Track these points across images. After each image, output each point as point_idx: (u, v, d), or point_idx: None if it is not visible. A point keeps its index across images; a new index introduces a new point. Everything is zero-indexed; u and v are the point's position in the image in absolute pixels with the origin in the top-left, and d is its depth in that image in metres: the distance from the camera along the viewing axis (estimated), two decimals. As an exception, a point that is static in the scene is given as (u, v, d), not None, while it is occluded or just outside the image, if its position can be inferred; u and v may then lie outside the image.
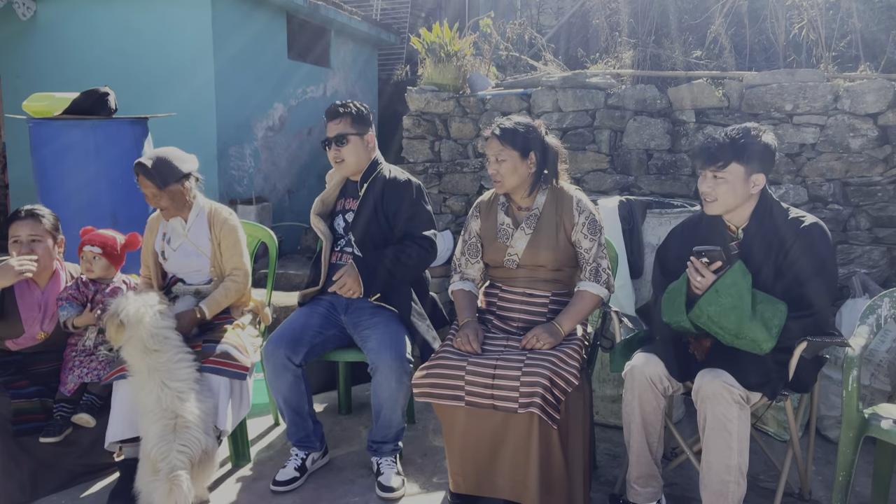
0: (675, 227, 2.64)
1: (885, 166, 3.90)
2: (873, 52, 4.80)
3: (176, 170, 2.78)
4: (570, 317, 2.56)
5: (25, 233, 2.72)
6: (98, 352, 2.74)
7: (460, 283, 2.80)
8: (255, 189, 6.15)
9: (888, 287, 3.34)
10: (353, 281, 2.74)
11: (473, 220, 2.80)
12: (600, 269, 2.61)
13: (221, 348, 2.67)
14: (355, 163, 2.91)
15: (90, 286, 2.79)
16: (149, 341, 2.48)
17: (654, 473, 2.44)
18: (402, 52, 9.08)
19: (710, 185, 2.31)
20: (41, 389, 2.71)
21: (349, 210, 2.97)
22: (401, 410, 2.76)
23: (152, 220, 3.00)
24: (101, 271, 2.81)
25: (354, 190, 2.98)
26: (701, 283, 2.24)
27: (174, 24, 5.70)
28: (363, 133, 2.91)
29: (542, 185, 2.66)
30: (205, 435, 2.42)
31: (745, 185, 2.29)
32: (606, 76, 4.58)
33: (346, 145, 2.87)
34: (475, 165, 4.71)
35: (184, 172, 2.80)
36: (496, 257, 2.69)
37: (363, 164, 2.94)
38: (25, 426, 2.61)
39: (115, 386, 2.58)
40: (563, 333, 2.52)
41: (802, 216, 2.34)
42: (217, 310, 2.82)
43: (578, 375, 2.42)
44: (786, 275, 2.29)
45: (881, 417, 2.32)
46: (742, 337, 2.21)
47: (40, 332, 2.76)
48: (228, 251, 2.86)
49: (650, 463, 2.42)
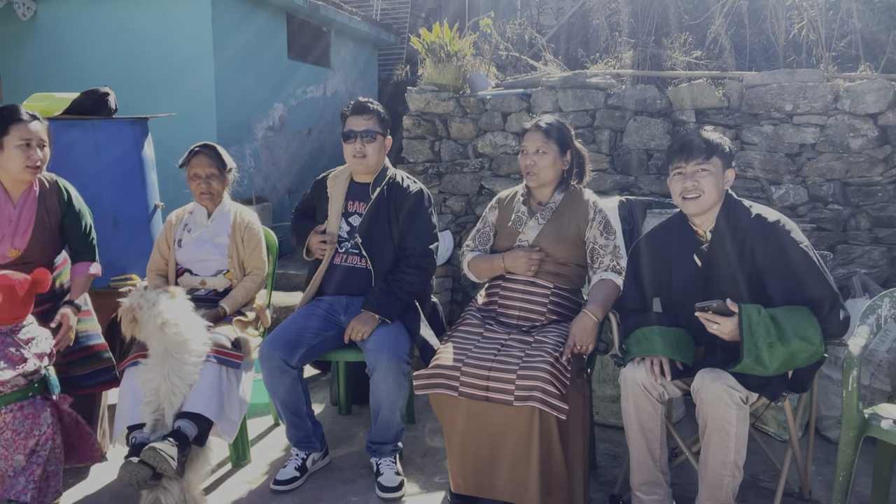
0: (644, 236, 2.61)
1: (885, 166, 3.90)
2: (873, 52, 4.81)
3: (228, 158, 3.05)
4: (600, 304, 2.59)
5: (38, 137, 2.58)
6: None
7: (470, 253, 2.89)
8: (255, 189, 6.15)
9: (888, 287, 3.34)
10: (368, 328, 2.76)
11: (491, 211, 2.91)
12: (618, 265, 2.67)
13: (216, 338, 2.70)
14: (375, 162, 2.92)
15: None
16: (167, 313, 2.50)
17: (659, 481, 2.42)
18: (402, 52, 9.08)
19: (694, 180, 2.27)
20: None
21: (354, 213, 2.96)
22: (399, 411, 2.76)
23: (176, 214, 3.14)
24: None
25: (360, 193, 2.97)
26: (726, 328, 2.17)
27: (174, 24, 5.70)
28: (385, 135, 2.95)
29: (563, 184, 2.78)
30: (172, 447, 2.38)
31: (722, 180, 2.30)
32: (606, 76, 4.57)
33: (372, 142, 2.88)
34: (475, 166, 4.71)
35: (230, 165, 3.07)
36: (506, 243, 2.78)
37: (379, 165, 2.96)
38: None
39: (125, 373, 2.61)
40: (596, 320, 2.54)
41: (764, 213, 2.29)
42: (236, 307, 2.96)
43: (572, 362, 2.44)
44: (764, 275, 2.24)
45: (881, 417, 2.33)
46: (795, 359, 2.14)
47: (10, 250, 2.60)
48: (250, 251, 3.04)
49: (653, 470, 2.41)
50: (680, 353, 2.34)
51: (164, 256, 3.08)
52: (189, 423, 2.46)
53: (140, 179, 3.99)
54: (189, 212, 3.12)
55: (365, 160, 2.89)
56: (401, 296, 2.82)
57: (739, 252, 2.28)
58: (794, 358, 2.14)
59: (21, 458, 2.39)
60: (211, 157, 2.99)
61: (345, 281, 2.93)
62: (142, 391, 2.53)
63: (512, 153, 4.63)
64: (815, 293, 2.19)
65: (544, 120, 2.76)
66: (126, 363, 2.65)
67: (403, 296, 2.83)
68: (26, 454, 2.40)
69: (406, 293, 2.84)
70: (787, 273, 2.22)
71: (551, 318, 2.70)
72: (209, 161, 2.99)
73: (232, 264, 3.01)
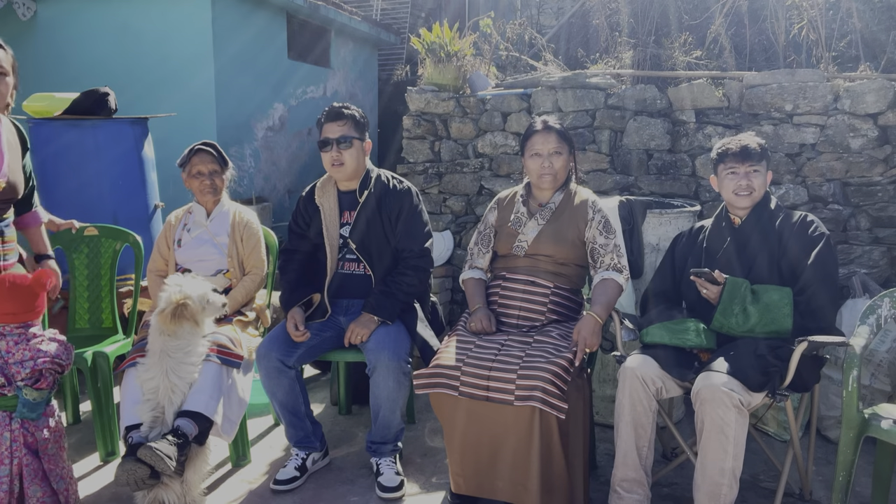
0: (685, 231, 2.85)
1: (885, 166, 3.90)
2: (873, 52, 4.80)
3: (226, 156, 3.11)
4: (603, 304, 2.59)
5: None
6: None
7: (470, 271, 2.89)
8: (255, 189, 6.16)
9: (888, 287, 3.34)
10: (367, 331, 2.75)
11: (491, 212, 2.91)
12: (619, 264, 2.68)
13: (216, 338, 2.70)
14: (354, 169, 2.86)
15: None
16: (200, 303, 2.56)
17: (641, 480, 2.42)
18: (402, 52, 9.09)
19: (748, 179, 2.55)
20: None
21: (346, 224, 2.92)
22: (400, 411, 2.76)
23: (175, 214, 3.15)
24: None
25: (351, 203, 2.92)
26: (712, 293, 2.49)
27: (174, 24, 5.70)
28: (363, 139, 2.89)
29: (563, 185, 2.79)
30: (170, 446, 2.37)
31: (766, 179, 2.60)
32: (606, 76, 4.57)
33: (348, 148, 2.81)
34: (475, 165, 4.71)
35: (229, 163, 3.13)
36: (506, 244, 2.78)
37: (360, 171, 2.90)
38: None
39: (126, 374, 2.62)
40: (600, 321, 2.54)
41: (812, 222, 2.52)
42: (236, 307, 2.97)
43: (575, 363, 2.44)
44: (783, 272, 2.49)
45: (881, 417, 2.32)
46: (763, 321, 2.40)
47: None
48: (250, 251, 3.06)
49: (637, 467, 2.41)
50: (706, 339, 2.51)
51: (163, 257, 3.09)
52: (189, 422, 2.46)
53: (140, 179, 4.00)
54: (188, 212, 3.12)
55: (343, 168, 2.83)
56: (400, 297, 2.82)
57: (764, 244, 2.53)
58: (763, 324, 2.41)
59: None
60: (213, 155, 3.02)
61: (345, 287, 2.92)
62: (141, 390, 2.53)
63: (512, 153, 4.63)
64: (818, 301, 2.37)
65: (551, 121, 2.76)
66: (125, 364, 2.65)
67: (402, 297, 2.83)
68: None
69: (405, 294, 2.83)
70: (802, 265, 2.45)
71: (551, 318, 2.70)
72: (211, 158, 3.02)
73: (231, 264, 3.02)
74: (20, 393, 2.28)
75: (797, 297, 2.39)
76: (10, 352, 2.30)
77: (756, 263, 2.52)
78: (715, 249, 2.64)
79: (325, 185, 2.97)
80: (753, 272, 2.52)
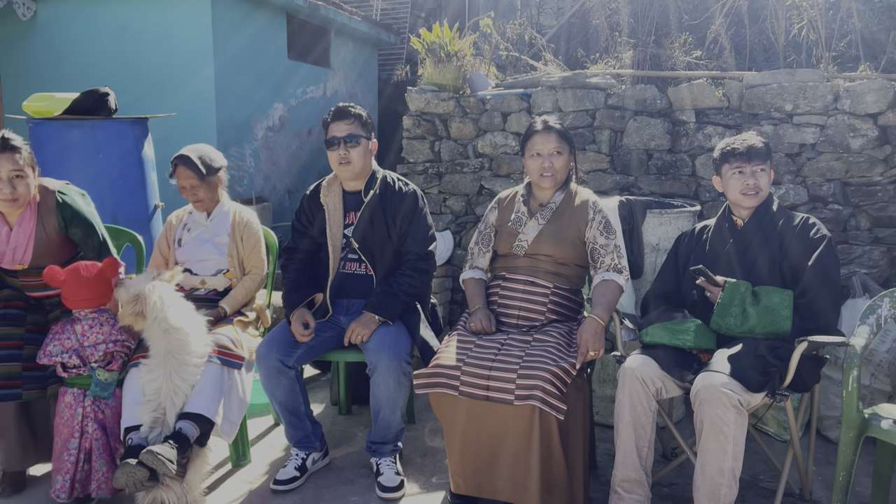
0: (688, 231, 2.86)
1: (885, 166, 3.90)
2: (873, 52, 4.81)
3: (213, 162, 2.97)
4: (605, 306, 2.59)
5: (7, 169, 2.51)
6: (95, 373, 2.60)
7: (470, 271, 2.90)
8: (255, 189, 6.16)
9: (888, 287, 3.34)
10: (368, 331, 2.75)
11: (492, 211, 2.91)
12: (619, 265, 2.68)
13: (217, 339, 2.70)
14: (360, 168, 2.86)
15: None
16: (173, 320, 2.49)
17: (641, 480, 2.42)
18: (402, 52, 9.09)
19: (755, 178, 2.55)
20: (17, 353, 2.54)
21: (350, 224, 2.93)
22: (400, 411, 2.76)
23: (176, 214, 3.14)
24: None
25: (356, 203, 2.93)
26: (714, 293, 2.51)
27: (174, 24, 5.71)
28: (369, 138, 2.90)
29: (563, 185, 2.79)
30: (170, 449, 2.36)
31: (770, 178, 2.61)
32: (606, 76, 4.57)
33: (356, 146, 2.82)
34: (475, 166, 4.71)
35: (218, 165, 2.99)
36: (506, 243, 2.78)
37: (367, 171, 2.91)
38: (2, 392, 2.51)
39: (128, 374, 2.60)
40: (602, 324, 2.54)
41: (814, 225, 2.52)
42: (237, 307, 2.96)
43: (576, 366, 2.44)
44: (785, 274, 2.48)
45: (881, 417, 2.33)
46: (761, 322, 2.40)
47: (16, 265, 2.66)
48: (250, 250, 3.04)
49: (637, 468, 2.41)
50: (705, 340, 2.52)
51: (164, 257, 3.09)
52: (191, 425, 2.46)
53: (140, 179, 4.00)
54: (189, 212, 3.12)
55: (350, 166, 2.83)
56: (401, 297, 2.82)
57: (765, 245, 2.53)
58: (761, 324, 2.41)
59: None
60: (189, 168, 2.88)
61: (346, 286, 2.92)
62: (142, 392, 2.53)
63: (512, 153, 4.63)
64: (819, 304, 2.38)
65: (551, 120, 2.76)
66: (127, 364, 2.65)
67: (404, 297, 2.82)
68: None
69: (406, 295, 2.83)
70: (803, 267, 2.45)
71: (551, 318, 2.70)
72: (188, 173, 2.90)
73: (231, 263, 3.02)
74: (93, 373, 2.55)
75: (798, 300, 2.40)
76: (84, 335, 2.57)
77: (757, 265, 2.52)
78: (717, 250, 2.64)
79: (331, 185, 2.97)
80: (754, 274, 2.51)
